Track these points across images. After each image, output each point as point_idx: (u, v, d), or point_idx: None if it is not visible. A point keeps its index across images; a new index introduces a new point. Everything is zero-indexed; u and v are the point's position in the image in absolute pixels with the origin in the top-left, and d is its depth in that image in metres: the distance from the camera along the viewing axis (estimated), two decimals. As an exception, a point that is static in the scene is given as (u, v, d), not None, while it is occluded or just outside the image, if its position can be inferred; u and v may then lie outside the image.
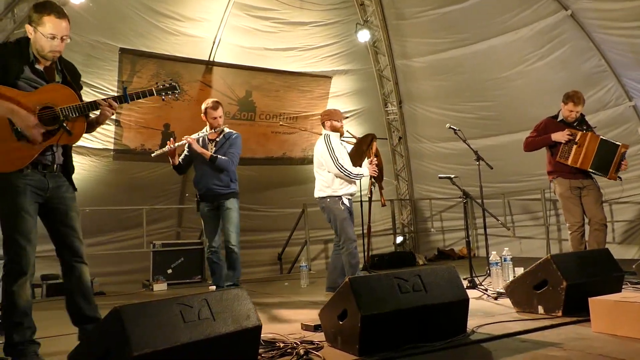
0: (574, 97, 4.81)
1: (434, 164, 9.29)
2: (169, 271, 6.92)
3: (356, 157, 4.81)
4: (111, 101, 2.76)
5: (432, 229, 9.67)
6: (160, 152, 4.48)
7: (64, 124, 2.64)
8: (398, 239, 9.52)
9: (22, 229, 2.57)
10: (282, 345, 2.65)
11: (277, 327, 3.20)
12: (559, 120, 4.96)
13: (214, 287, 4.64)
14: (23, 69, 2.60)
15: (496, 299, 3.89)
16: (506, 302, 3.58)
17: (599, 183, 4.96)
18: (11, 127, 2.55)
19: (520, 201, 8.57)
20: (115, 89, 7.10)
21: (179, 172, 4.68)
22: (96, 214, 7.01)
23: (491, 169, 5.07)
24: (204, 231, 4.69)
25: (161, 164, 7.99)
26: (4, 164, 2.56)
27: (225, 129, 4.63)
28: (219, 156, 4.49)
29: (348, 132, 5.04)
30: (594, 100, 6.97)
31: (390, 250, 9.16)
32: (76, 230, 2.81)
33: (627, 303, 2.58)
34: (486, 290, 4.20)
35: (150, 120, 7.60)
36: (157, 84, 3.00)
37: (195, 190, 4.64)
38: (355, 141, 5.04)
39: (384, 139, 9.25)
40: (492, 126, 8.26)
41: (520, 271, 3.80)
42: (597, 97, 7.13)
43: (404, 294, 2.57)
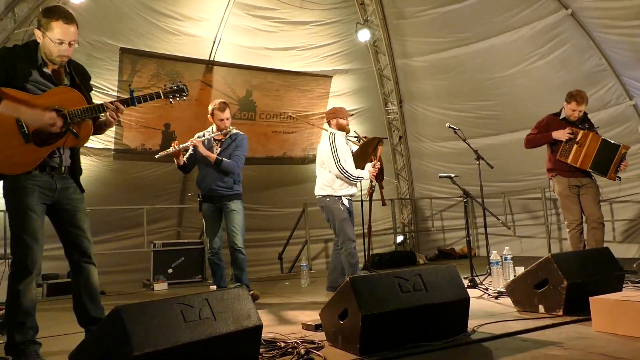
0: (577, 97, 4.81)
1: (434, 163, 9.29)
2: (170, 271, 6.92)
3: (360, 158, 4.79)
4: (118, 104, 2.76)
5: (432, 228, 9.68)
6: (164, 153, 4.45)
7: (71, 127, 2.65)
8: (398, 239, 9.51)
9: (29, 228, 2.60)
10: (282, 344, 2.65)
11: (277, 327, 3.20)
12: (561, 118, 4.96)
13: (214, 287, 4.65)
14: (31, 72, 2.61)
15: (497, 298, 3.89)
16: (507, 301, 3.58)
17: (598, 182, 4.96)
18: (19, 129, 2.56)
19: (520, 200, 8.56)
20: (116, 89, 7.10)
21: (183, 171, 4.66)
22: (97, 213, 7.01)
23: (491, 168, 5.07)
24: (206, 232, 4.68)
25: (162, 164, 7.99)
26: (12, 166, 2.59)
27: (231, 130, 4.61)
28: (224, 159, 4.47)
29: (354, 132, 5.03)
30: (594, 99, 6.96)
31: (390, 249, 9.15)
32: (85, 230, 2.83)
33: (628, 302, 2.58)
34: (487, 289, 4.20)
35: (150, 120, 7.61)
36: (165, 86, 2.98)
37: (199, 190, 4.64)
38: (360, 141, 5.03)
39: (384, 138, 9.24)
40: (493, 125, 8.26)
41: (520, 270, 3.80)
42: (598, 96, 7.13)
43: (404, 293, 2.57)
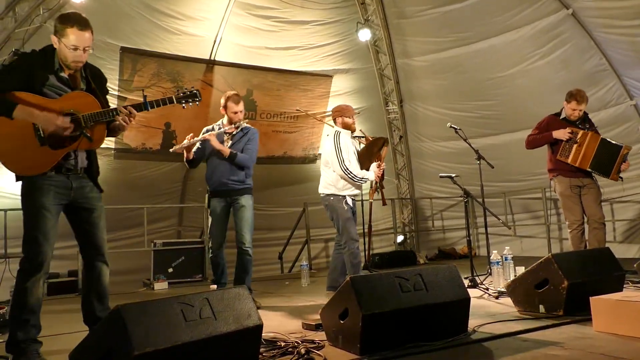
0: (577, 96, 4.81)
1: (434, 163, 9.28)
2: (170, 270, 6.91)
3: (365, 158, 4.75)
4: (131, 108, 2.81)
5: (432, 228, 9.67)
6: (179, 147, 4.29)
7: (84, 130, 2.71)
8: (399, 238, 9.51)
9: (41, 227, 2.65)
10: (283, 344, 2.65)
11: (278, 326, 3.20)
12: (561, 118, 4.96)
13: (214, 287, 4.63)
14: (48, 77, 2.70)
15: (497, 298, 3.89)
16: (507, 301, 3.58)
17: (599, 182, 4.96)
18: (35, 132, 2.65)
19: (521, 200, 8.56)
20: (117, 88, 7.10)
21: (190, 165, 4.49)
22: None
23: (492, 168, 5.07)
24: (211, 229, 4.48)
25: (162, 163, 8.01)
26: (28, 168, 2.68)
27: (242, 123, 4.50)
28: (238, 153, 4.35)
29: (360, 130, 5.00)
30: (595, 99, 6.96)
31: (391, 249, 9.16)
32: (100, 229, 2.88)
33: (629, 302, 2.58)
34: (487, 289, 4.20)
35: (151, 119, 7.60)
36: (178, 91, 3.04)
37: (206, 186, 4.50)
38: (366, 140, 5.01)
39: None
40: (493, 125, 8.25)
41: (521, 270, 3.80)
42: (598, 96, 7.12)
43: (405, 293, 2.57)
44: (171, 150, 4.48)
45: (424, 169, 9.61)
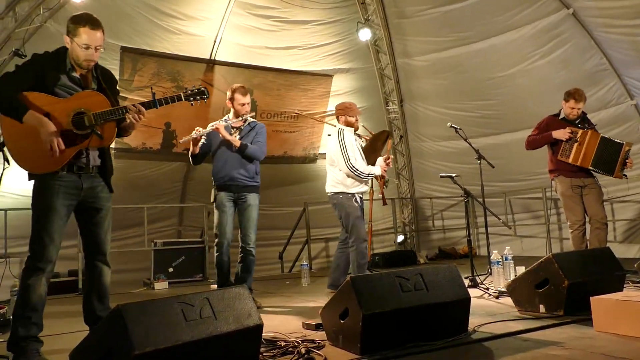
0: (575, 95, 4.81)
1: (435, 163, 9.28)
2: (170, 270, 6.92)
3: (370, 152, 4.72)
4: (140, 107, 2.85)
5: (433, 228, 9.67)
6: (187, 139, 4.19)
7: (95, 128, 2.76)
8: (399, 238, 9.51)
9: (48, 227, 2.69)
10: (283, 344, 2.65)
11: (278, 326, 3.20)
12: (560, 118, 4.96)
13: (215, 286, 4.60)
14: (60, 77, 2.77)
15: (497, 298, 3.88)
16: (507, 301, 3.58)
17: (601, 181, 4.96)
18: None
19: (521, 200, 8.56)
20: (117, 87, 7.09)
21: (194, 161, 4.35)
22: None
23: (492, 167, 5.07)
24: (219, 224, 4.26)
25: (162, 163, 8.00)
26: (39, 166, 2.72)
27: (248, 118, 4.36)
28: (249, 144, 4.22)
29: (363, 126, 4.98)
30: (595, 99, 6.96)
31: (391, 249, 9.15)
32: (104, 229, 2.93)
33: (629, 302, 2.57)
34: (487, 289, 4.20)
35: (151, 119, 7.60)
36: (186, 89, 3.12)
37: (212, 180, 4.35)
38: (369, 136, 5.00)
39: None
40: (494, 125, 8.25)
41: (521, 270, 3.80)
42: (599, 96, 7.12)
43: (405, 292, 2.57)
44: (180, 141, 4.37)
45: (425, 169, 9.61)
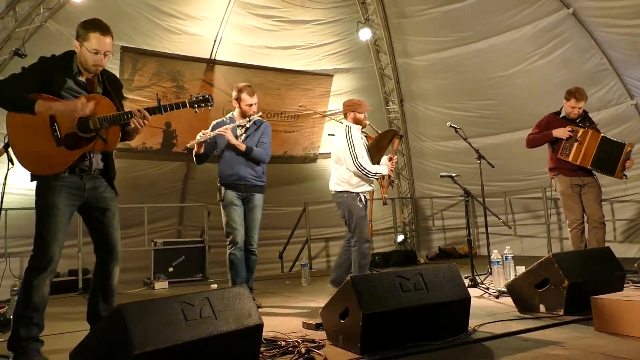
0: (576, 94, 4.81)
1: (435, 163, 9.28)
2: (170, 269, 6.91)
3: (375, 151, 4.67)
4: (145, 112, 2.89)
5: (433, 228, 9.67)
6: (194, 142, 4.18)
7: (100, 132, 2.78)
8: (399, 238, 9.51)
9: (51, 227, 2.70)
10: (283, 343, 2.65)
11: (278, 326, 3.20)
12: (561, 116, 4.96)
13: (215, 286, 4.60)
14: (66, 81, 2.79)
15: (497, 297, 3.88)
16: (507, 300, 3.58)
17: (601, 181, 4.96)
18: (52, 133, 2.70)
19: (521, 200, 8.56)
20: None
21: (198, 160, 4.34)
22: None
23: (492, 167, 5.07)
24: (230, 222, 4.21)
25: (163, 163, 8.00)
26: (43, 167, 2.74)
27: (255, 116, 4.32)
28: (254, 148, 4.22)
29: (370, 125, 4.95)
30: (595, 99, 6.96)
31: (391, 249, 9.15)
32: (114, 228, 2.95)
33: (629, 302, 2.57)
34: (487, 289, 4.20)
35: (151, 119, 7.57)
36: (191, 96, 3.14)
37: (219, 180, 4.32)
38: (375, 134, 4.96)
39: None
40: (494, 125, 8.25)
41: (521, 270, 3.80)
42: (599, 96, 7.12)
43: (405, 292, 2.57)
44: (188, 145, 4.35)
45: (425, 169, 9.61)
